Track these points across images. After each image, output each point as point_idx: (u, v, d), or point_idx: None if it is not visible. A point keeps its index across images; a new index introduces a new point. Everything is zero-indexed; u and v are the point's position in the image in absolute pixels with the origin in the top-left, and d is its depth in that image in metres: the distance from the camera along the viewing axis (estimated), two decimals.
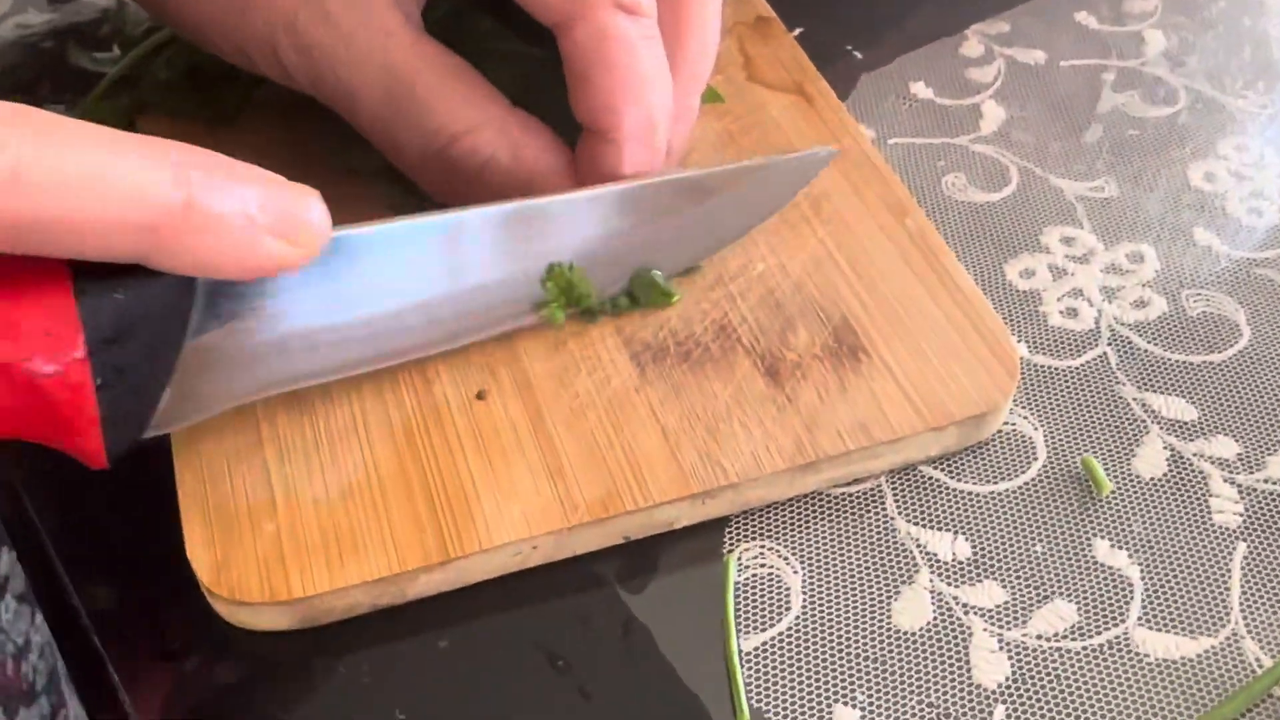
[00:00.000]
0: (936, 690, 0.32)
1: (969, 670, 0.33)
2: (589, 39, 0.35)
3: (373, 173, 0.42)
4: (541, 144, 0.38)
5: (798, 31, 0.52)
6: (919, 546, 0.35)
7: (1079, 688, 0.32)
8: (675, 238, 0.39)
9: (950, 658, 0.33)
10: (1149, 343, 0.40)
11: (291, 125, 0.45)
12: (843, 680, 0.33)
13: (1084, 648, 0.33)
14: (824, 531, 0.36)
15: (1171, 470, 0.37)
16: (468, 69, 0.38)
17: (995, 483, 0.37)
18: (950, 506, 0.36)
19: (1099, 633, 0.33)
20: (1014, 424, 0.38)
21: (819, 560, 0.35)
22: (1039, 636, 0.33)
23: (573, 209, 0.36)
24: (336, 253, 0.32)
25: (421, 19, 0.38)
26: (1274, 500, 0.36)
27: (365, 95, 0.37)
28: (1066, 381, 0.39)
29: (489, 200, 0.37)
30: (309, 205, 0.30)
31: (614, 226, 0.37)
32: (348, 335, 0.35)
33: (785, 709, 0.32)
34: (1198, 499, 0.36)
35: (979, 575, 0.35)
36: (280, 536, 0.33)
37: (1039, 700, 0.32)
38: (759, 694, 0.32)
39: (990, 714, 0.32)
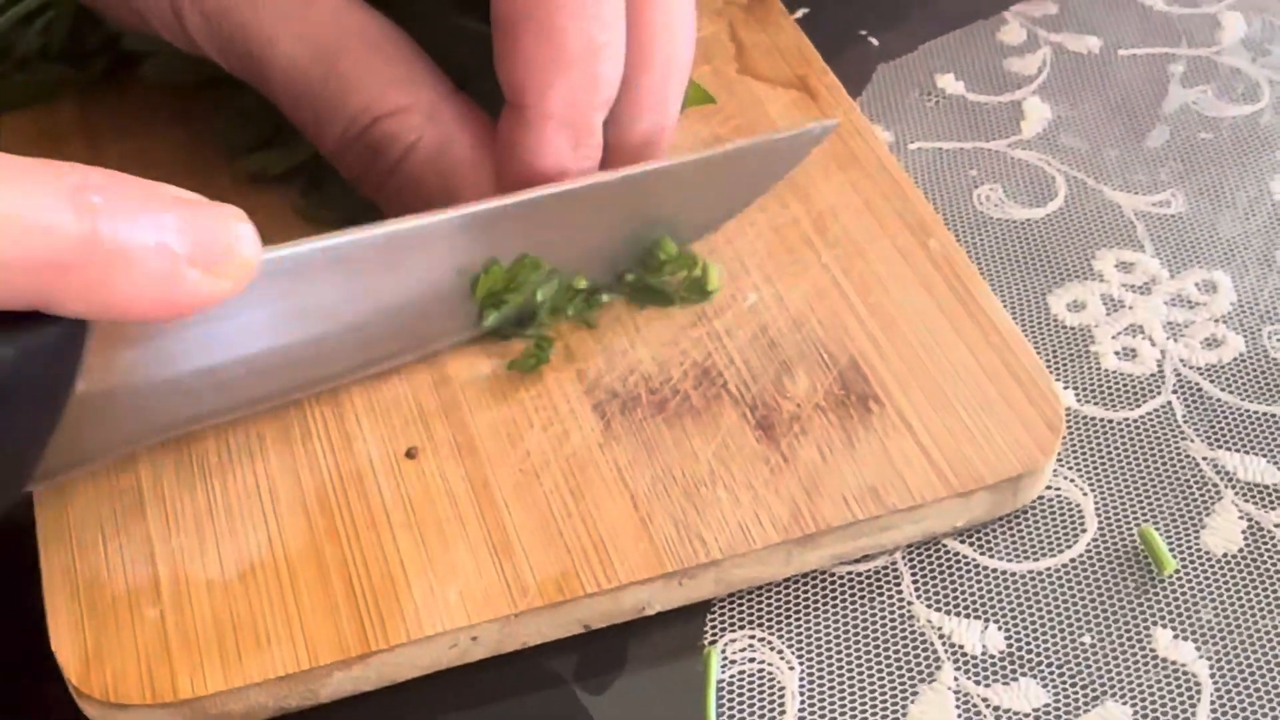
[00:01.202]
0: None
1: None
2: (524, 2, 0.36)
3: (279, 178, 0.44)
4: (474, 136, 0.39)
5: (801, 13, 0.54)
6: (942, 637, 0.36)
7: None
8: (616, 246, 0.40)
9: None
10: (1223, 390, 0.41)
11: (184, 122, 0.46)
12: None
13: None
14: (826, 619, 0.36)
15: (1249, 545, 0.38)
16: (401, 42, 0.39)
17: (1035, 560, 0.38)
18: (980, 588, 0.37)
19: None
20: (1058, 488, 0.39)
21: (820, 654, 0.36)
22: None
23: (470, 224, 0.37)
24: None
25: None
26: None
27: (280, 69, 0.38)
28: (1122, 437, 0.40)
29: (408, 192, 0.39)
30: (237, 230, 0.31)
31: (539, 238, 0.38)
32: (255, 368, 0.36)
33: None
34: (1279, 579, 0.37)
35: (1014, 672, 0.35)
36: (165, 624, 0.34)
37: None
38: None
39: None
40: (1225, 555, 0.38)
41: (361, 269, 0.36)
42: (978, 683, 0.35)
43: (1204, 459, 0.40)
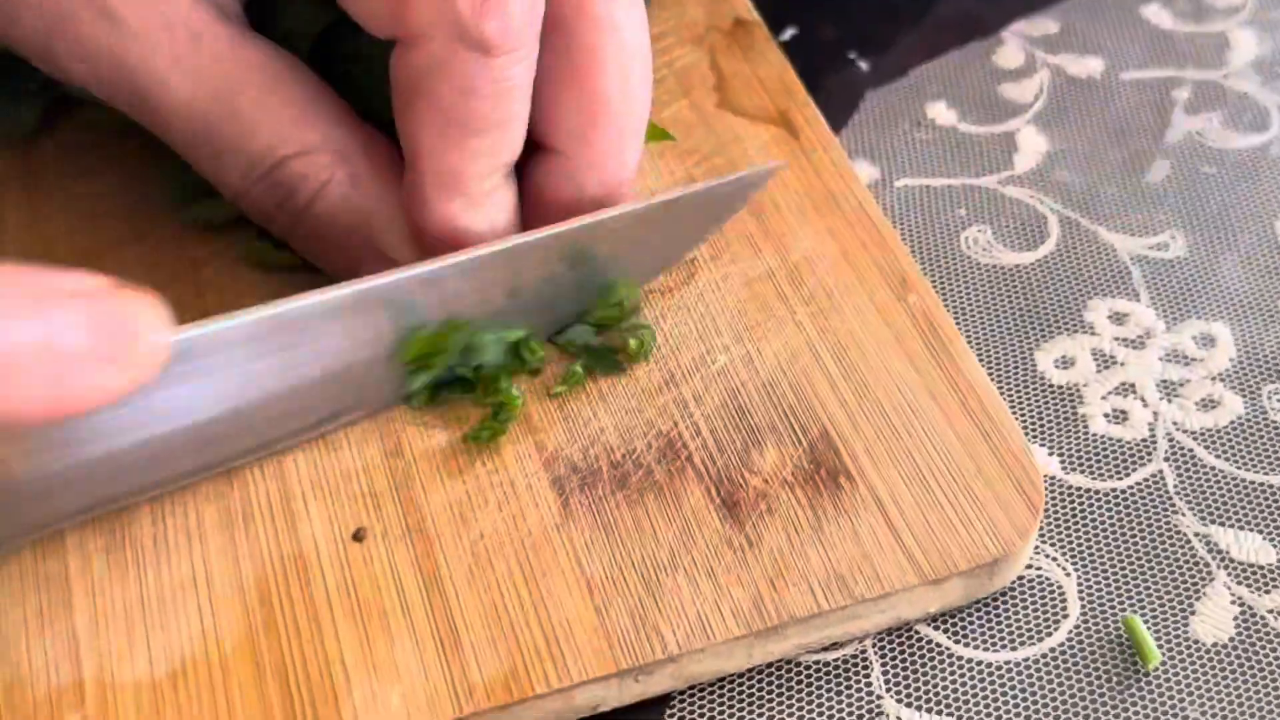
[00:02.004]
0: None
1: None
2: (417, 66, 0.35)
3: (228, 225, 0.42)
4: (388, 174, 0.38)
5: (789, 34, 0.52)
6: None
7: None
8: (556, 299, 0.39)
9: None
10: (1218, 457, 0.40)
11: (129, 168, 0.44)
12: None
13: None
14: (791, 711, 0.35)
15: (1240, 633, 0.36)
16: (303, 77, 0.38)
17: (1013, 649, 0.36)
18: (953, 680, 0.36)
19: None
20: (1039, 568, 0.38)
21: None
22: None
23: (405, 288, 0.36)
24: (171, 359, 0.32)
25: (244, 14, 0.39)
26: None
27: (175, 109, 0.37)
28: (1109, 510, 0.39)
29: (324, 233, 0.38)
30: (141, 319, 0.29)
31: (474, 297, 0.38)
32: (176, 445, 0.35)
33: None
34: (1274, 672, 0.35)
35: None
36: None
37: None
38: None
39: None
40: (1215, 645, 0.36)
41: (287, 340, 0.35)
42: None
43: (1196, 535, 0.38)
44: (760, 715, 0.35)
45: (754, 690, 0.36)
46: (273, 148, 0.37)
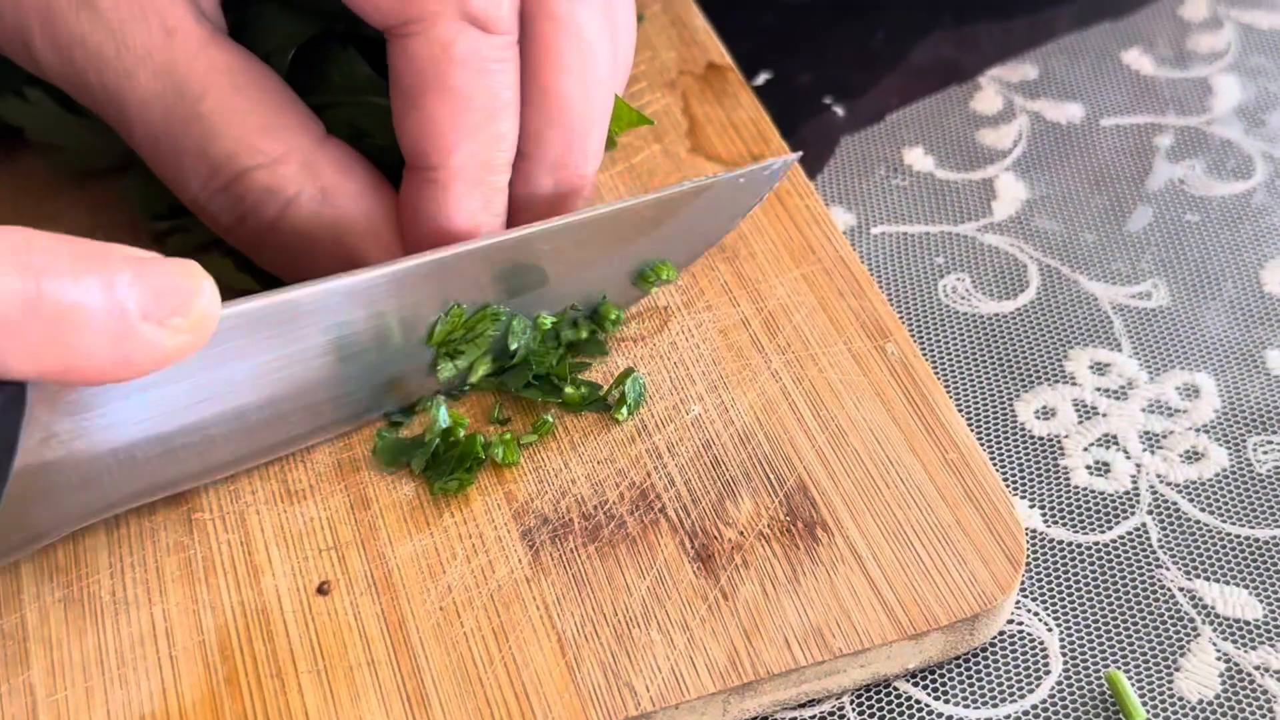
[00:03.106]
0: None
1: None
2: (426, 55, 0.36)
3: (203, 248, 0.42)
4: (359, 184, 0.39)
5: (763, 78, 0.52)
6: None
7: None
8: (554, 299, 0.40)
9: None
10: (1202, 510, 0.40)
11: (90, 192, 0.45)
12: None
13: None
14: None
15: (1226, 690, 0.36)
16: (271, 85, 0.38)
17: (994, 705, 0.36)
18: None
19: None
20: (1021, 623, 0.38)
21: None
22: None
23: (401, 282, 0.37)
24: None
25: (223, 18, 0.39)
26: None
27: (138, 106, 0.38)
28: (1092, 564, 0.39)
29: (296, 248, 0.39)
30: (195, 282, 0.31)
31: (487, 290, 0.39)
32: (210, 435, 0.36)
33: None
34: None
35: None
36: None
37: None
38: None
39: None
40: (1200, 702, 0.36)
41: (324, 321, 0.36)
42: None
43: (1180, 589, 0.38)
44: None
45: None
46: (235, 155, 0.37)
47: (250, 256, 0.40)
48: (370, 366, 0.38)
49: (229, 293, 0.40)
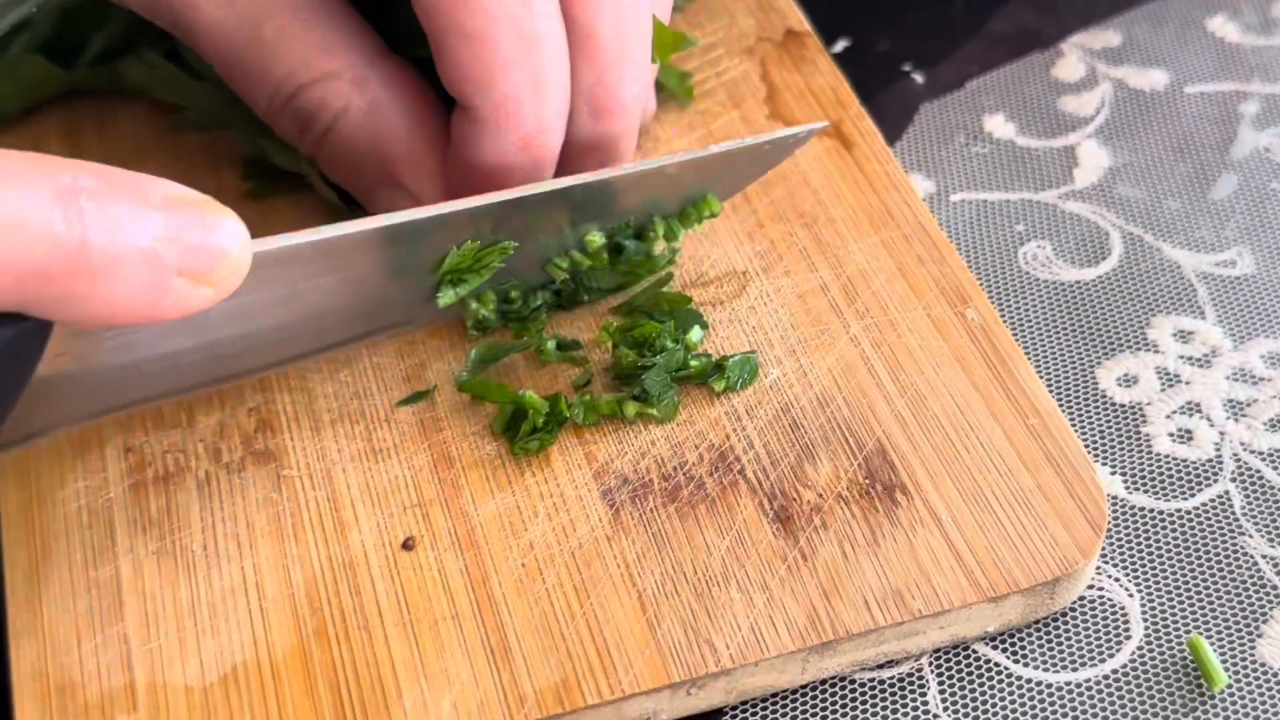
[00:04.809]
0: None
1: None
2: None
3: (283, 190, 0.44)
4: (409, 100, 0.40)
5: (841, 46, 0.53)
6: None
7: None
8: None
9: None
10: None
11: (175, 140, 0.47)
12: None
13: None
14: None
15: None
16: (331, 7, 0.40)
17: (1074, 669, 0.37)
18: (1012, 700, 0.37)
19: None
20: (1101, 589, 0.38)
21: None
22: None
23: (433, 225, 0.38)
24: None
25: None
26: None
27: (205, 32, 0.40)
28: (1174, 531, 0.40)
29: (343, 157, 0.41)
30: (225, 232, 0.31)
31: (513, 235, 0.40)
32: (217, 353, 0.37)
33: None
34: None
35: None
36: None
37: None
38: None
39: None
40: None
41: (340, 259, 0.37)
42: None
43: (1263, 557, 0.39)
44: None
45: (807, 707, 0.37)
46: (293, 73, 0.40)
47: (314, 162, 0.43)
48: (379, 300, 0.40)
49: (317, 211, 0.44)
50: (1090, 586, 0.39)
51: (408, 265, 0.39)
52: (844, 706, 0.36)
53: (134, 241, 0.29)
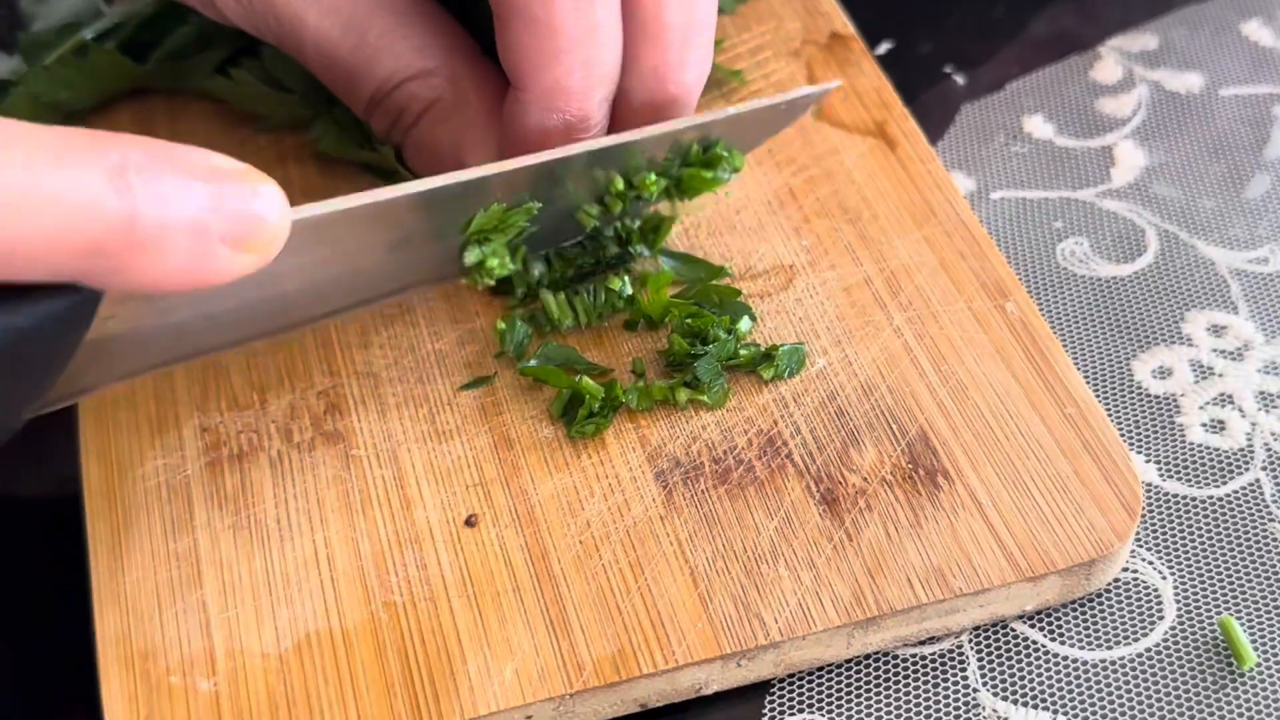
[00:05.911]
0: None
1: None
2: None
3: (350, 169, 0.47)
4: (489, 97, 0.43)
5: (885, 48, 0.55)
6: None
7: None
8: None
9: None
10: None
11: (238, 135, 0.49)
12: None
13: None
14: (889, 702, 0.38)
15: None
16: (426, 8, 0.44)
17: (1108, 648, 0.39)
18: (1049, 677, 0.38)
19: None
20: (1135, 571, 0.40)
21: None
22: None
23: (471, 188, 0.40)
24: None
25: None
26: None
27: (311, 42, 0.43)
28: (1207, 517, 0.41)
29: (425, 145, 0.44)
30: (266, 199, 0.32)
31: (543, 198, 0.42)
32: (259, 311, 0.39)
33: None
34: None
35: None
36: (219, 699, 0.36)
37: None
38: None
39: None
40: None
41: (381, 224, 0.39)
42: None
43: None
44: (858, 705, 0.38)
45: (852, 680, 0.38)
46: (396, 73, 0.43)
47: (400, 150, 0.46)
48: (410, 262, 0.42)
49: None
50: (1125, 569, 0.40)
51: (445, 229, 0.41)
52: (887, 680, 0.38)
53: (181, 213, 0.30)
